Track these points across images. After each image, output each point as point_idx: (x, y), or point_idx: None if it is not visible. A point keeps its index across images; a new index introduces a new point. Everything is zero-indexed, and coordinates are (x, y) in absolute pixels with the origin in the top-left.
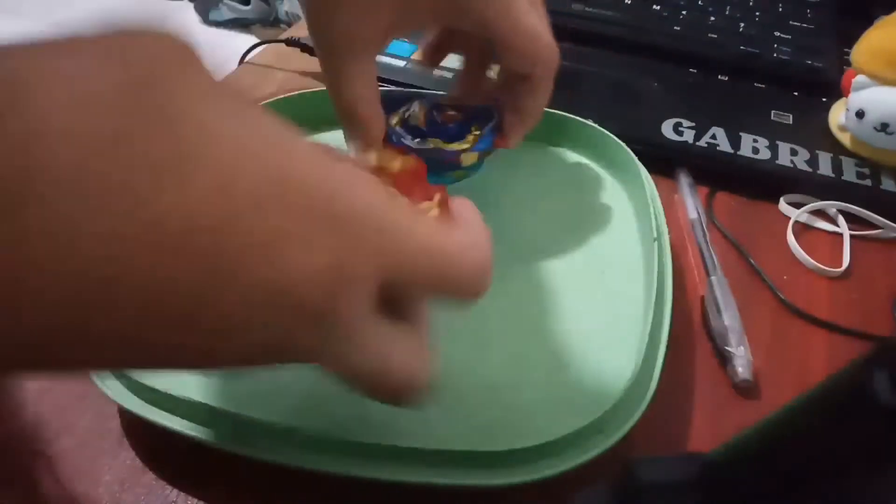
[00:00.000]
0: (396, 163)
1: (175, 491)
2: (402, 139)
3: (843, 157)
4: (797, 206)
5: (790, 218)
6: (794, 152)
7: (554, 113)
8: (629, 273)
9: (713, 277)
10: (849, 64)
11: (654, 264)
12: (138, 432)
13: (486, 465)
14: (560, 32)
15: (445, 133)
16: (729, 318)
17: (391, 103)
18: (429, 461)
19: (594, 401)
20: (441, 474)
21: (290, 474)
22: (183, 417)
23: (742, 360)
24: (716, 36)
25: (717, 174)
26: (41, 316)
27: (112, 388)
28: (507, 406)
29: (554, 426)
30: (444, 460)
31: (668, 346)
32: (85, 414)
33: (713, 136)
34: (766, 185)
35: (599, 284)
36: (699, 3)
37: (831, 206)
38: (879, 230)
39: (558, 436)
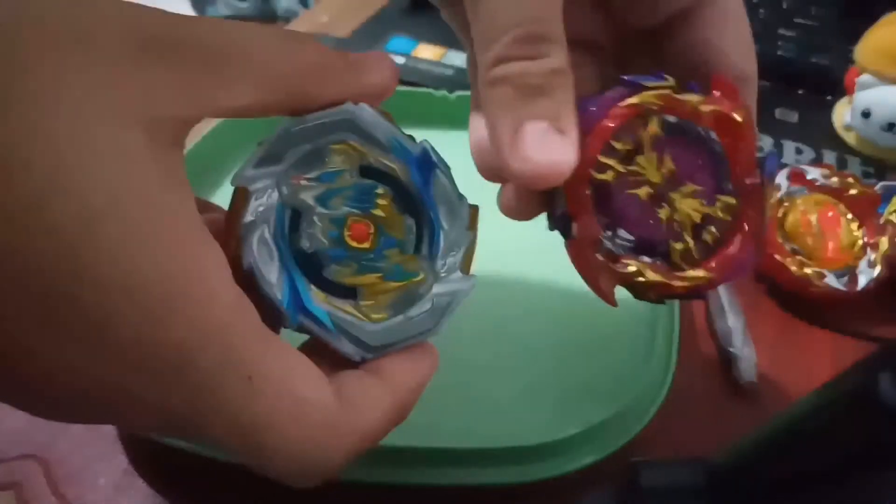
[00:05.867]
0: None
1: (169, 495)
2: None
3: (848, 156)
4: None
5: None
6: (799, 151)
7: None
8: None
9: None
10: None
11: None
12: (133, 437)
13: (493, 464)
14: None
15: None
16: (733, 320)
17: None
18: (430, 461)
19: (606, 400)
20: (444, 475)
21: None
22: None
23: (747, 362)
24: None
25: None
26: None
27: None
28: (515, 404)
29: (564, 425)
30: (447, 460)
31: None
32: None
33: None
34: None
35: None
36: None
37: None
38: None
39: (568, 434)
